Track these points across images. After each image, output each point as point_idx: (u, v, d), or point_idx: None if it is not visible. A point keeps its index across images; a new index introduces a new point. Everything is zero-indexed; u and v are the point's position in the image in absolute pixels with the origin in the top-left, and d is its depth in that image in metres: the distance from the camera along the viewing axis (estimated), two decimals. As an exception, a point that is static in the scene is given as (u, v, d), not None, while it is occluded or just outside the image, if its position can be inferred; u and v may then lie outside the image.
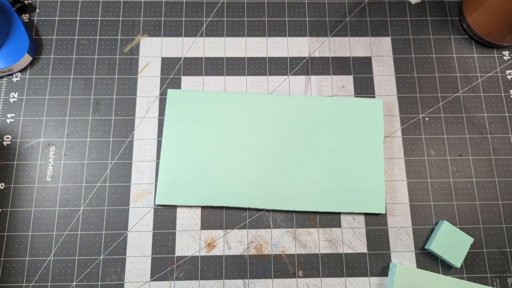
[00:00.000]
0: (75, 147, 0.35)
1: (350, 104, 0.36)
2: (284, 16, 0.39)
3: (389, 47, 0.38)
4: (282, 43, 0.38)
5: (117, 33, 0.38)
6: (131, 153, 0.35)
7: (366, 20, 0.39)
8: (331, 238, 0.33)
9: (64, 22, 0.38)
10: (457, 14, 0.39)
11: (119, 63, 0.37)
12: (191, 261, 0.33)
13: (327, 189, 0.34)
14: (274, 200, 0.33)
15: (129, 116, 0.36)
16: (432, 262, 0.33)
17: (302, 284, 0.32)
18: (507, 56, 0.38)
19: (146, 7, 0.39)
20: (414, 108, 0.37)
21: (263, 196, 0.33)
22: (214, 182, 0.33)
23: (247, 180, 0.34)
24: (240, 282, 0.32)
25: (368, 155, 0.34)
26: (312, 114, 0.35)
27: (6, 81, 0.36)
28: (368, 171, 0.34)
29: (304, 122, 0.35)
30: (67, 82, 0.36)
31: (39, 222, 0.33)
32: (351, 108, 0.35)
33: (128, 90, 0.36)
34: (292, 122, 0.35)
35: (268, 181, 0.34)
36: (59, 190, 0.34)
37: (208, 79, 0.37)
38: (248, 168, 0.34)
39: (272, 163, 0.34)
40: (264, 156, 0.34)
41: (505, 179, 0.35)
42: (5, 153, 0.35)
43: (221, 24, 0.39)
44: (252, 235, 0.33)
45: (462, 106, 0.37)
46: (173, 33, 0.38)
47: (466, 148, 0.36)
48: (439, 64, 0.38)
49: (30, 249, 0.32)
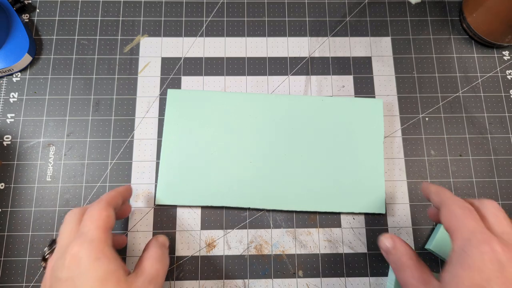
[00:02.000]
0: (75, 147, 0.35)
1: (350, 104, 0.36)
2: (284, 16, 0.39)
3: (389, 47, 0.38)
4: (282, 43, 0.38)
5: (117, 33, 0.38)
6: (131, 153, 0.35)
7: (366, 20, 0.39)
8: (331, 238, 0.33)
9: (64, 22, 0.38)
10: (457, 14, 0.39)
11: (119, 63, 0.37)
12: (191, 261, 0.33)
13: (327, 189, 0.34)
14: (274, 200, 0.33)
15: (129, 116, 0.36)
16: (432, 262, 0.33)
17: (302, 284, 0.32)
18: (507, 56, 0.38)
19: (146, 7, 0.39)
20: (414, 108, 0.37)
21: (263, 196, 0.33)
22: (214, 182, 0.33)
23: (247, 180, 0.34)
24: (240, 282, 0.32)
25: (368, 155, 0.34)
26: (312, 114, 0.35)
27: (6, 81, 0.36)
28: (368, 171, 0.34)
29: (304, 122, 0.35)
30: (67, 82, 0.36)
31: (39, 222, 0.33)
32: (351, 108, 0.35)
33: (128, 90, 0.36)
34: (292, 122, 0.35)
35: (268, 181, 0.34)
36: (59, 190, 0.34)
37: (208, 79, 0.37)
38: (248, 168, 0.34)
39: (272, 163, 0.34)
40: (264, 156, 0.34)
41: (505, 179, 0.35)
42: (5, 153, 0.34)
43: (221, 24, 0.39)
44: (252, 235, 0.33)
45: (462, 106, 0.37)
46: (173, 33, 0.38)
47: (466, 148, 0.36)
48: (439, 64, 0.38)
49: (30, 249, 0.32)
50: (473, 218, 0.24)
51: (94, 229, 0.24)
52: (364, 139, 0.35)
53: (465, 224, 0.23)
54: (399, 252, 0.27)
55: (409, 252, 0.27)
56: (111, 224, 0.26)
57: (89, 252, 0.23)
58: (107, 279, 0.23)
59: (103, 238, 0.24)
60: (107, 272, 0.23)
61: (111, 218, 0.26)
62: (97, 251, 0.23)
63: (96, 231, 0.24)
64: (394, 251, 0.27)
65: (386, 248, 0.28)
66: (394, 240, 0.28)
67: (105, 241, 0.24)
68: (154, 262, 0.27)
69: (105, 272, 0.23)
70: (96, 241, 0.24)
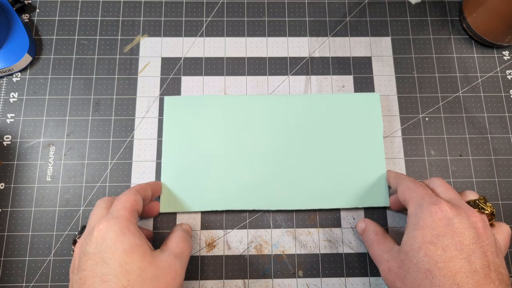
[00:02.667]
0: (75, 147, 0.35)
1: (348, 99, 0.36)
2: (284, 16, 0.39)
3: (389, 47, 0.38)
4: (282, 43, 0.38)
5: (117, 33, 0.38)
6: (131, 153, 0.35)
7: (366, 20, 0.39)
8: (331, 238, 0.33)
9: (64, 22, 0.38)
10: (457, 14, 0.39)
11: (119, 63, 0.37)
12: (191, 261, 0.33)
13: (330, 186, 0.34)
14: (276, 200, 0.33)
15: (129, 116, 0.36)
16: None
17: (302, 284, 0.32)
18: (507, 56, 0.38)
19: (146, 7, 0.39)
20: (414, 108, 0.37)
21: (266, 198, 0.33)
22: (217, 187, 0.33)
23: (250, 183, 0.34)
24: (240, 282, 0.32)
25: (369, 150, 0.34)
26: (310, 112, 0.35)
27: (6, 81, 0.36)
28: (370, 165, 0.34)
29: (303, 120, 0.35)
30: (67, 82, 0.36)
31: (39, 222, 0.33)
32: (349, 103, 0.35)
33: (128, 90, 0.36)
34: (291, 121, 0.35)
35: (270, 182, 0.34)
36: (59, 190, 0.34)
37: (208, 79, 0.37)
38: (250, 171, 0.34)
39: (273, 164, 0.34)
40: (265, 157, 0.34)
41: (505, 179, 0.35)
42: (5, 153, 0.34)
43: (221, 24, 0.39)
44: (252, 235, 0.33)
45: (462, 106, 0.37)
46: (173, 33, 0.38)
47: (466, 148, 0.36)
48: (439, 64, 0.38)
49: (30, 249, 0.32)
50: (423, 188, 0.28)
51: (121, 209, 0.26)
52: (364, 133, 0.35)
53: (416, 193, 0.27)
54: (369, 231, 0.31)
55: (376, 229, 0.30)
56: (137, 207, 0.27)
57: (115, 227, 0.25)
58: (132, 252, 0.24)
59: (129, 217, 0.26)
60: (133, 245, 0.24)
61: (138, 203, 0.28)
62: (123, 227, 0.25)
63: (122, 211, 0.26)
64: (365, 229, 0.31)
65: (361, 229, 0.32)
66: (366, 222, 0.32)
67: (131, 220, 0.26)
68: (180, 241, 0.28)
69: (130, 245, 0.24)
70: (122, 218, 0.25)
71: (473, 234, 0.24)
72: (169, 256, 0.26)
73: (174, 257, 0.26)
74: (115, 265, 0.23)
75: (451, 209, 0.25)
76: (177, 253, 0.27)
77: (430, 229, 0.24)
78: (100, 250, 0.24)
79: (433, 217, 0.25)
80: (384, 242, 0.29)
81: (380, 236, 0.30)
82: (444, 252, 0.23)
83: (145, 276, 0.24)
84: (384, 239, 0.29)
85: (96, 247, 0.24)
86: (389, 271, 0.26)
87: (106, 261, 0.23)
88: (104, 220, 0.25)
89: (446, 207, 0.25)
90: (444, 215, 0.24)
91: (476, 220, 0.25)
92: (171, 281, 0.25)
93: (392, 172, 0.33)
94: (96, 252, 0.24)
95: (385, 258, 0.27)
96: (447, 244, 0.23)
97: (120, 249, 0.24)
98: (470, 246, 0.23)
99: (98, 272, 0.23)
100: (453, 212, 0.24)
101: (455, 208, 0.25)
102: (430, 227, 0.24)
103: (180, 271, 0.26)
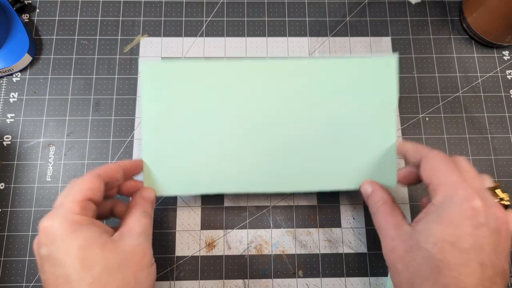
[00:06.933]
0: (75, 147, 0.35)
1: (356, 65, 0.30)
2: (284, 16, 0.39)
3: (389, 47, 0.38)
4: (282, 43, 0.38)
5: (117, 33, 0.38)
6: (131, 153, 0.35)
7: (366, 20, 0.39)
8: (331, 238, 0.33)
9: (64, 22, 0.38)
10: (457, 14, 0.39)
11: (119, 63, 0.37)
12: (191, 261, 0.33)
13: (334, 163, 0.30)
14: (276, 181, 0.30)
15: (129, 116, 0.36)
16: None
17: (302, 284, 0.32)
18: (507, 56, 0.38)
19: (146, 7, 0.39)
20: (414, 108, 0.37)
21: (263, 178, 0.30)
22: (209, 168, 0.30)
23: (245, 161, 0.30)
24: (240, 282, 0.32)
25: (378, 123, 0.30)
26: (313, 81, 0.31)
27: (6, 81, 0.36)
28: (378, 141, 0.30)
29: (305, 89, 0.30)
30: (67, 82, 0.36)
31: (39, 222, 0.33)
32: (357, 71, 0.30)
33: (128, 90, 0.36)
34: (291, 90, 0.30)
35: (268, 161, 0.30)
36: (59, 190, 0.34)
37: (208, 79, 0.37)
38: (244, 147, 0.30)
39: (271, 139, 0.30)
40: (262, 132, 0.30)
41: (505, 179, 0.35)
42: (5, 153, 0.35)
43: (221, 24, 0.39)
44: (252, 235, 0.33)
45: (462, 106, 0.37)
46: (173, 33, 0.38)
47: (466, 148, 0.36)
48: (439, 64, 0.38)
49: (30, 249, 0.32)
50: (457, 173, 0.24)
51: (69, 202, 0.23)
52: (374, 104, 0.30)
53: (450, 180, 0.23)
54: (376, 196, 0.28)
55: (385, 197, 0.28)
56: (93, 195, 0.24)
57: (64, 225, 0.22)
58: (89, 244, 0.22)
59: (78, 210, 0.23)
60: (89, 239, 0.22)
61: (95, 191, 0.24)
62: (72, 223, 0.22)
63: (70, 204, 0.23)
64: (372, 195, 0.28)
65: (366, 193, 0.29)
66: (374, 185, 0.29)
67: (81, 212, 0.23)
68: (140, 217, 0.26)
69: (85, 240, 0.22)
70: (69, 214, 0.23)
71: (495, 241, 0.22)
72: (132, 237, 0.24)
73: (137, 236, 0.25)
74: (73, 264, 0.22)
75: (483, 209, 0.22)
76: (140, 231, 0.25)
77: (453, 227, 0.22)
78: (52, 251, 0.22)
79: (462, 216, 0.22)
80: (392, 214, 0.26)
81: (388, 206, 0.27)
82: (460, 254, 0.22)
83: (110, 266, 0.22)
84: (393, 211, 0.26)
85: (48, 249, 0.22)
86: (393, 250, 0.25)
87: (62, 262, 0.22)
88: (48, 218, 0.23)
89: (479, 207, 0.22)
90: (474, 216, 0.22)
91: (501, 223, 0.22)
92: (140, 261, 0.24)
93: (407, 143, 0.28)
94: (49, 254, 0.22)
95: (390, 234, 0.25)
96: (466, 248, 0.22)
97: (74, 247, 0.22)
98: (488, 251, 0.22)
99: (59, 274, 0.22)
100: (484, 214, 0.22)
101: (486, 207, 0.22)
102: (454, 226, 0.22)
103: (147, 248, 0.25)
